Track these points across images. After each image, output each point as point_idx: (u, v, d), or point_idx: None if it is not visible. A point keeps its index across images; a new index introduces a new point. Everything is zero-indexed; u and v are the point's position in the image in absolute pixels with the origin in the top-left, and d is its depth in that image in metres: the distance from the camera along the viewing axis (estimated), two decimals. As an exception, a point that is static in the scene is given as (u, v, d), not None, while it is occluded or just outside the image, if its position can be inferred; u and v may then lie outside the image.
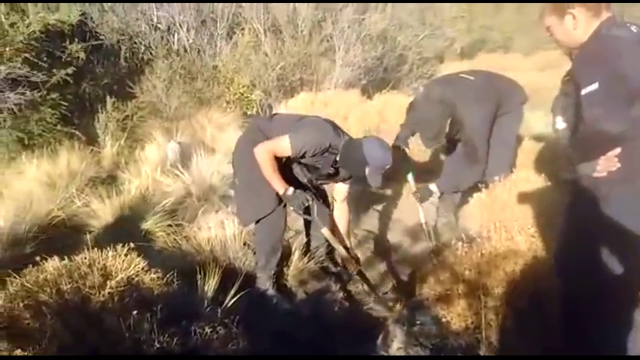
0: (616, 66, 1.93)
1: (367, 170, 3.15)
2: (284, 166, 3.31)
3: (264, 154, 3.14)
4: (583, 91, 1.94)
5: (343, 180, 3.54)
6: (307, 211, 3.26)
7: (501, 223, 3.17)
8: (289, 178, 3.34)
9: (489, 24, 15.86)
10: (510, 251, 2.89)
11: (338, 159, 3.28)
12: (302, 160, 3.34)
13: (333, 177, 3.49)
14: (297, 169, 3.46)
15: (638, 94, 1.91)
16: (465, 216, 4.48)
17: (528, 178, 3.74)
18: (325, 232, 3.35)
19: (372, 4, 10.25)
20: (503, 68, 6.93)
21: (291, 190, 3.16)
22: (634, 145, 1.97)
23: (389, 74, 10.61)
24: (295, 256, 3.64)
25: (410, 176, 4.43)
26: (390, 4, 10.63)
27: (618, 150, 2.00)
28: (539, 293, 2.78)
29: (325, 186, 3.76)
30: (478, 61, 13.03)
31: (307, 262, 3.59)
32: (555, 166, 4.14)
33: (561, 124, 2.17)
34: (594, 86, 1.90)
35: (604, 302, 2.14)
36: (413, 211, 4.72)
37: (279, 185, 3.15)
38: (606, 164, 2.02)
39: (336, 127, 3.36)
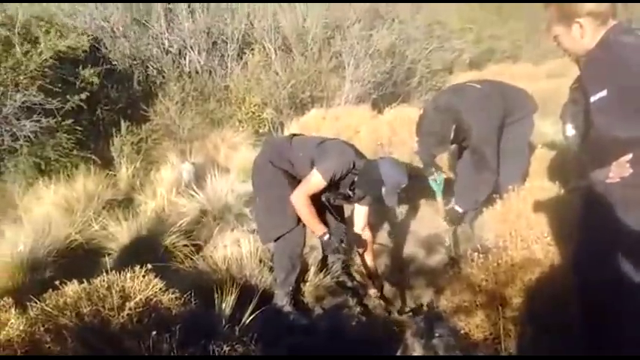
0: (624, 73, 1.93)
1: (384, 190, 3.21)
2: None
3: (302, 199, 3.22)
4: (592, 98, 1.94)
5: (358, 200, 3.58)
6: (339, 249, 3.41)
7: (517, 233, 3.15)
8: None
9: (497, 34, 15.83)
10: (527, 260, 2.88)
11: (356, 180, 3.35)
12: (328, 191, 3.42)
13: (349, 198, 3.53)
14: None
15: None
16: (480, 226, 4.45)
17: (542, 186, 3.72)
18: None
19: (380, 21, 10.32)
20: (513, 77, 6.90)
21: (327, 236, 3.28)
22: None
23: (398, 88, 10.63)
24: (311, 271, 3.65)
25: (439, 198, 4.30)
26: (397, 20, 10.70)
27: (630, 155, 1.99)
28: (558, 302, 2.76)
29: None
30: (487, 71, 12.97)
31: (323, 278, 3.60)
32: (569, 174, 4.12)
33: (571, 130, 2.17)
34: (603, 93, 1.91)
35: (625, 309, 2.12)
36: (426, 222, 4.73)
37: (318, 229, 3.28)
38: (619, 170, 2.01)
39: (355, 148, 3.46)
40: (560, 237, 3.07)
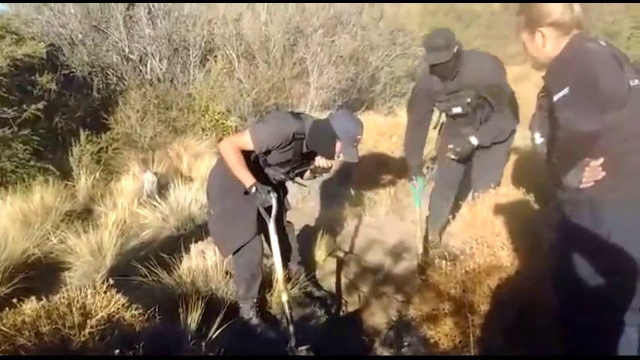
0: (585, 70, 1.97)
1: (339, 146, 3.08)
2: (258, 170, 3.23)
3: (228, 146, 3.08)
4: (555, 97, 1.98)
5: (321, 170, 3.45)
6: (269, 210, 3.09)
7: (483, 239, 3.18)
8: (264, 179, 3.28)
9: (459, 40, 16.12)
10: (493, 267, 2.90)
11: (307, 142, 3.19)
12: (271, 160, 3.26)
13: (307, 164, 3.39)
14: (270, 172, 3.34)
15: (609, 98, 1.95)
16: (447, 233, 4.49)
17: (507, 193, 3.77)
18: (273, 238, 3.12)
19: (342, 28, 10.37)
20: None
21: (254, 187, 3.01)
22: (615, 153, 2.01)
23: (363, 95, 10.71)
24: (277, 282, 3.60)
25: (417, 206, 4.27)
26: (359, 27, 10.77)
27: (601, 160, 2.02)
28: (525, 307, 2.79)
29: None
30: (450, 77, 13.21)
31: (290, 289, 3.54)
32: (533, 179, 4.18)
33: (539, 138, 2.19)
34: (565, 91, 1.95)
35: (604, 315, 2.14)
36: (393, 230, 4.74)
37: (246, 177, 3.02)
38: (591, 174, 2.04)
39: (297, 115, 3.29)
40: (524, 242, 3.11)
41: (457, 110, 3.90)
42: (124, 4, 8.28)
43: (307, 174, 3.48)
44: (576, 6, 2.09)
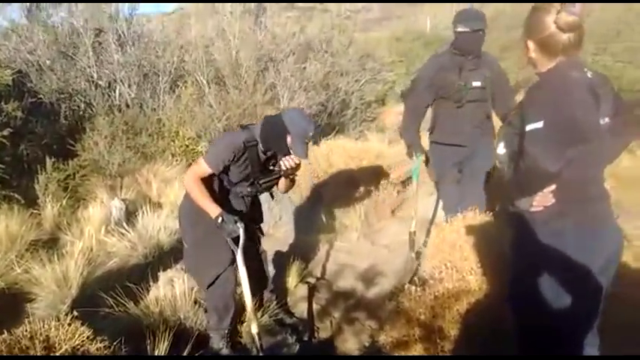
0: (563, 107, 1.97)
1: (289, 140, 3.03)
2: (224, 196, 3.23)
3: (188, 179, 3.08)
4: (527, 127, 1.97)
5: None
6: (237, 240, 3.03)
7: (452, 264, 3.20)
8: (232, 206, 3.25)
9: (426, 67, 16.43)
10: (462, 291, 2.92)
11: (260, 141, 3.13)
12: (233, 177, 3.21)
13: (272, 172, 3.30)
14: (238, 190, 3.28)
15: (579, 137, 1.98)
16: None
17: (475, 217, 3.82)
18: (242, 272, 3.06)
19: (312, 54, 10.48)
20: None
21: (220, 217, 2.97)
22: (568, 181, 2.05)
23: (333, 119, 10.79)
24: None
25: (415, 180, 4.44)
26: (329, 53, 10.90)
27: (553, 186, 2.07)
28: (494, 332, 2.80)
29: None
30: (419, 102, 13.43)
31: (261, 317, 3.50)
32: (499, 202, 4.25)
33: (502, 149, 2.21)
34: (539, 124, 1.94)
35: (558, 334, 2.17)
36: (364, 255, 4.75)
37: (211, 208, 3.00)
38: (542, 200, 2.09)
39: (245, 126, 3.26)
40: (492, 266, 3.14)
41: (477, 83, 3.99)
42: (92, 31, 8.24)
43: (282, 182, 3.40)
44: (569, 34, 2.05)
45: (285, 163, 3.16)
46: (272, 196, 3.78)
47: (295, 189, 5.76)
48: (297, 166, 3.22)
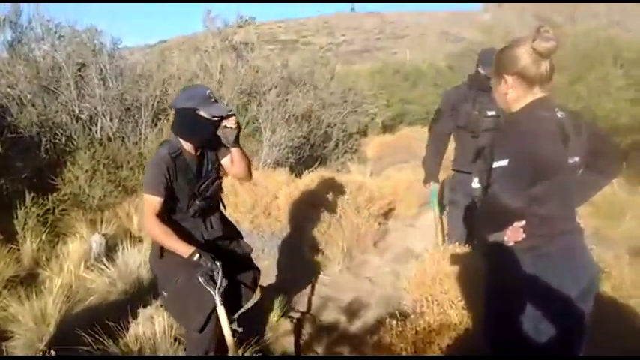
0: (527, 145, 2.04)
1: (203, 113, 2.91)
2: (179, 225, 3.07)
3: (147, 224, 2.91)
4: (494, 164, 2.03)
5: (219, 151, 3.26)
6: (213, 279, 2.91)
7: (433, 297, 3.22)
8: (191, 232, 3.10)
9: (407, 98, 16.69)
10: (443, 325, 2.94)
11: (184, 141, 3.02)
12: (181, 196, 3.03)
13: (209, 173, 3.18)
14: (189, 211, 3.11)
15: (542, 174, 2.04)
16: (399, 289, 4.52)
17: (454, 249, 3.85)
18: (220, 310, 2.98)
19: (294, 87, 10.60)
20: (424, 139, 7.27)
21: (196, 256, 2.86)
22: (537, 217, 2.11)
23: (315, 151, 10.86)
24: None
25: (435, 209, 4.60)
26: (311, 86, 11.04)
27: (523, 222, 2.11)
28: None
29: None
30: (400, 134, 13.60)
31: (243, 353, 3.46)
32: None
33: (476, 184, 2.25)
34: (504, 162, 2.00)
35: None
36: (347, 288, 4.74)
37: (180, 247, 2.88)
38: (512, 235, 2.13)
39: (162, 142, 3.20)
40: (472, 300, 3.16)
41: (491, 113, 4.11)
42: (75, 65, 8.25)
43: (236, 161, 3.27)
44: (545, 62, 2.12)
45: (227, 125, 3.02)
46: (224, 207, 3.49)
47: (276, 222, 5.78)
48: (236, 123, 3.08)
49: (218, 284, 2.91)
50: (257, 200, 6.11)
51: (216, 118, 2.97)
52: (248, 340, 3.58)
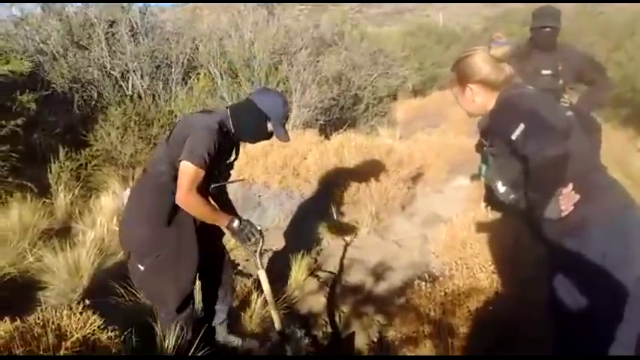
0: (532, 108, 2.07)
1: (270, 126, 2.87)
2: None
3: (189, 194, 2.64)
4: (513, 136, 2.02)
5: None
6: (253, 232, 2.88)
7: (462, 261, 3.20)
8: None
9: (439, 61, 16.36)
10: (473, 289, 2.93)
11: (233, 129, 2.90)
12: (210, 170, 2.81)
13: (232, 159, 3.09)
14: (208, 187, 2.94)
15: (558, 129, 2.01)
16: (426, 253, 4.51)
17: (486, 214, 3.80)
18: (262, 275, 2.98)
19: (325, 47, 10.46)
20: (454, 104, 7.17)
21: (236, 222, 2.81)
22: (579, 176, 2.08)
23: (345, 113, 10.76)
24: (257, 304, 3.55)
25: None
26: (343, 47, 10.87)
27: (570, 185, 2.06)
28: (504, 330, 2.80)
29: None
30: (431, 97, 13.37)
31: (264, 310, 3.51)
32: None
33: (502, 187, 2.21)
34: (521, 127, 2.00)
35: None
36: (373, 250, 4.74)
37: (222, 219, 2.81)
38: (568, 200, 2.07)
39: (205, 111, 3.14)
40: (503, 264, 3.14)
41: (547, 72, 4.16)
42: (106, 22, 8.26)
43: None
44: (506, 67, 2.22)
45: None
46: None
47: (305, 183, 5.78)
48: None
49: (259, 248, 2.93)
50: (286, 161, 6.11)
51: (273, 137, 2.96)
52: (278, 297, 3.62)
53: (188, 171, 2.62)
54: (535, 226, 2.26)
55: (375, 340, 3.44)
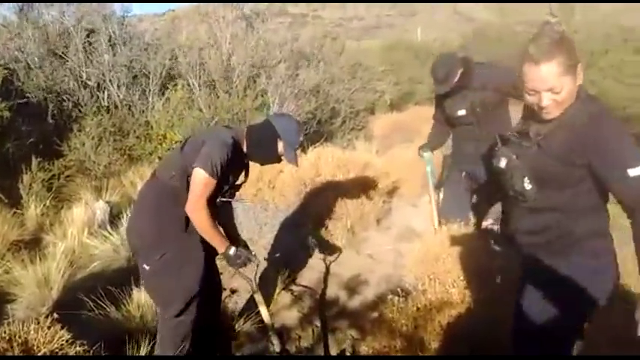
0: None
1: (281, 147, 2.92)
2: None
3: (198, 205, 2.67)
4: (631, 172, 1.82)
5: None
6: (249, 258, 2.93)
7: (435, 275, 3.23)
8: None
9: (416, 77, 16.53)
10: (445, 303, 2.95)
11: (246, 148, 2.94)
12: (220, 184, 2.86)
13: (238, 179, 3.13)
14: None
15: None
16: (400, 266, 4.54)
17: (459, 229, 3.85)
18: (258, 298, 3.04)
19: (304, 61, 10.51)
20: (429, 119, 7.25)
21: (232, 249, 2.82)
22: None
23: (322, 127, 10.80)
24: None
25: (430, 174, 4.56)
26: (322, 61, 10.94)
27: None
28: (475, 344, 2.82)
29: None
30: (407, 112, 13.50)
31: (243, 324, 3.50)
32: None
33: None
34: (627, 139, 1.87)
35: None
36: (348, 264, 4.75)
37: (220, 243, 2.81)
38: None
39: (228, 126, 3.22)
40: (474, 279, 3.17)
41: (461, 112, 4.05)
42: (84, 31, 8.20)
43: None
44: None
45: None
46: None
47: (280, 196, 5.78)
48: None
49: (255, 275, 3.02)
50: (262, 174, 6.10)
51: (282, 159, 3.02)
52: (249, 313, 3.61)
53: (200, 178, 2.67)
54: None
55: (348, 354, 3.45)
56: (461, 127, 4.16)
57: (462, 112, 4.04)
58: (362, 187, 5.81)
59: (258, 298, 3.03)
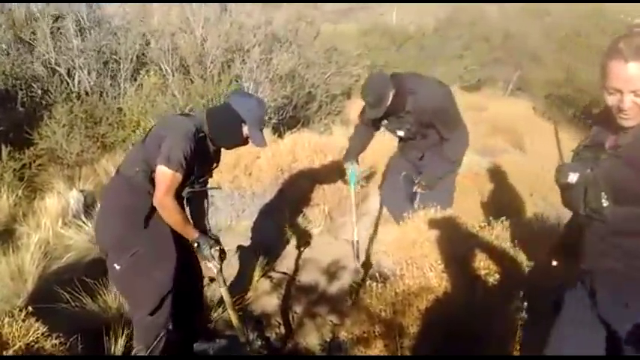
0: None
1: (245, 129, 2.83)
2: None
3: (166, 199, 2.64)
4: None
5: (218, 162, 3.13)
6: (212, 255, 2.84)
7: (412, 260, 3.25)
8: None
9: (391, 61, 16.53)
10: (422, 288, 2.97)
11: (211, 133, 2.85)
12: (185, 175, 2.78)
13: (211, 166, 3.07)
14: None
15: None
16: (378, 252, 4.57)
17: (435, 214, 3.87)
18: (224, 292, 2.96)
19: (278, 45, 10.41)
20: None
21: (202, 238, 2.79)
22: None
23: (298, 112, 10.74)
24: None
25: (352, 188, 4.53)
26: (295, 45, 10.85)
27: None
28: (452, 328, 2.86)
29: None
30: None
31: (222, 313, 3.49)
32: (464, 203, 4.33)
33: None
34: None
35: None
36: (326, 249, 4.76)
37: (190, 232, 2.78)
38: None
39: (183, 114, 3.19)
40: (452, 264, 3.20)
41: (400, 133, 4.09)
42: (51, 16, 7.99)
43: None
44: None
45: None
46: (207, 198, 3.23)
47: (257, 182, 5.75)
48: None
49: (220, 266, 2.89)
50: (239, 160, 6.05)
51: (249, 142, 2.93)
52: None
53: (165, 175, 2.62)
54: None
55: (328, 340, 3.47)
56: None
57: (401, 133, 4.10)
58: (339, 172, 5.81)
59: (224, 292, 2.95)
